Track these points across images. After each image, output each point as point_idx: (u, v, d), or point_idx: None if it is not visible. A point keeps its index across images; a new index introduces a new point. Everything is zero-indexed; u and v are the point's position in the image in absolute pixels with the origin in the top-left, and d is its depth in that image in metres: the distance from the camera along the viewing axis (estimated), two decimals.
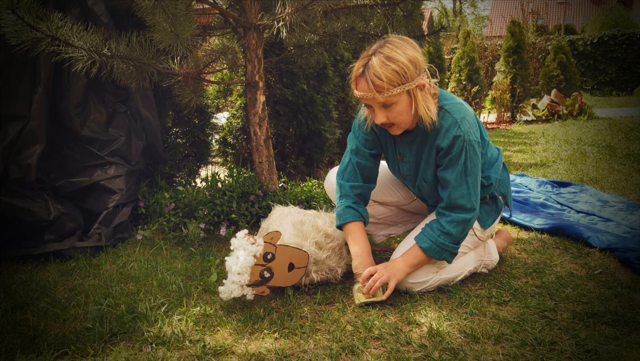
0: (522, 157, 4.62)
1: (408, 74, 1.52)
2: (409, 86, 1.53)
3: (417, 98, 1.56)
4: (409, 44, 1.57)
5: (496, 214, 1.89)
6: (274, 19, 2.21)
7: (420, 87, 1.57)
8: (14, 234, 2.25)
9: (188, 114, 3.10)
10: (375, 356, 1.40)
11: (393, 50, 1.53)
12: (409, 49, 1.54)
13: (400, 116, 1.59)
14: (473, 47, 8.03)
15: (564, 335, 1.47)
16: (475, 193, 1.66)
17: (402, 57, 1.51)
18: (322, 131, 3.41)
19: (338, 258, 1.87)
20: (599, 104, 10.41)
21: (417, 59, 1.54)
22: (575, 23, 30.69)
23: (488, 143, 1.84)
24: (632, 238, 2.17)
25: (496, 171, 1.83)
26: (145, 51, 2.02)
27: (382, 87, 1.52)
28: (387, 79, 1.52)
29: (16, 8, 1.72)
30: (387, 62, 1.52)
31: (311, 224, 1.84)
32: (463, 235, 1.70)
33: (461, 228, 1.68)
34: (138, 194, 2.57)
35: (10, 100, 2.19)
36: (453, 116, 1.61)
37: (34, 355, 1.45)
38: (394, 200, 2.09)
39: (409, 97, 1.57)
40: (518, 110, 8.24)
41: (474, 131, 1.63)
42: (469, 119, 1.63)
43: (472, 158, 1.63)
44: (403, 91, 1.54)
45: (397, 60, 1.51)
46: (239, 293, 1.61)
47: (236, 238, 1.67)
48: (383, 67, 1.51)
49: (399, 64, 1.51)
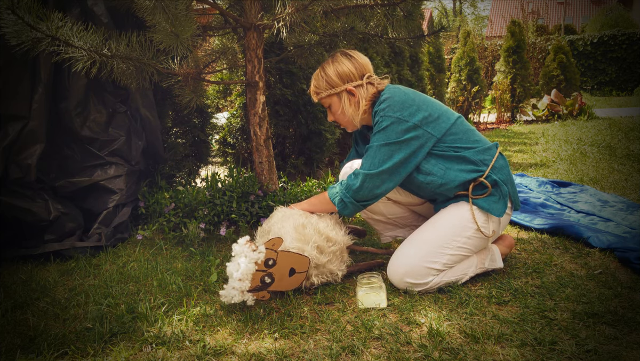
0: (522, 157, 4.62)
1: (332, 83, 1.91)
2: (333, 90, 1.91)
3: (345, 101, 1.92)
4: (347, 58, 1.92)
5: (504, 199, 1.84)
6: (274, 19, 2.21)
7: (351, 93, 1.90)
8: (14, 234, 2.25)
9: (188, 114, 3.10)
10: (375, 356, 1.40)
11: (328, 64, 1.93)
12: (342, 64, 1.90)
13: (337, 116, 1.97)
14: (473, 47, 8.03)
15: (564, 335, 1.47)
16: (380, 158, 1.80)
17: (330, 71, 1.91)
18: (322, 131, 3.41)
19: (339, 262, 1.88)
20: (599, 104, 10.41)
21: (344, 71, 1.90)
22: (575, 23, 30.69)
23: (467, 130, 1.89)
24: (632, 238, 2.17)
25: (478, 154, 1.84)
26: (145, 51, 2.02)
27: (314, 91, 1.98)
28: (317, 86, 1.96)
29: (16, 8, 1.72)
30: (320, 73, 1.95)
31: (313, 228, 1.83)
32: (358, 188, 1.83)
33: (355, 179, 1.84)
34: (138, 194, 2.57)
35: (10, 100, 2.19)
36: (380, 99, 1.85)
37: (34, 355, 1.45)
38: (407, 200, 2.12)
39: (339, 100, 1.93)
40: (518, 110, 8.25)
41: (399, 109, 1.80)
42: (393, 99, 1.81)
43: (387, 129, 1.80)
44: (330, 95, 1.92)
45: (326, 72, 1.92)
46: (240, 298, 1.61)
47: (237, 244, 1.66)
48: (316, 77, 1.96)
49: (326, 76, 1.92)
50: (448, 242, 1.79)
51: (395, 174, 1.81)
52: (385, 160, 1.79)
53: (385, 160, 1.79)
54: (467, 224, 1.81)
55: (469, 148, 1.84)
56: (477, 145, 1.85)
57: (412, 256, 1.78)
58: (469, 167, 1.82)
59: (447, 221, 1.84)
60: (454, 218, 1.83)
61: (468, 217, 1.81)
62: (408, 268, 1.76)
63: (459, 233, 1.80)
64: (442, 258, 1.78)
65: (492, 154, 1.86)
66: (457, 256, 1.80)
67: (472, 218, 1.81)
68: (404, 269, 1.76)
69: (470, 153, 1.82)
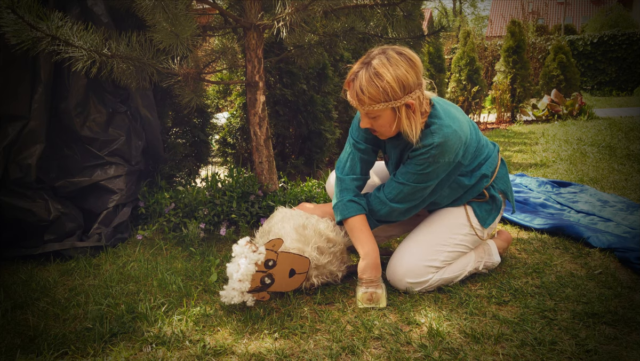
0: (522, 157, 4.62)
1: (392, 94, 1.55)
2: (392, 104, 1.57)
3: (402, 117, 1.59)
4: (405, 60, 1.57)
5: (496, 212, 1.90)
6: (274, 19, 2.21)
7: (409, 106, 1.59)
8: (14, 234, 2.25)
9: (188, 114, 3.10)
10: (375, 356, 1.40)
11: (384, 66, 1.55)
12: (402, 68, 1.55)
13: (382, 128, 1.65)
14: (473, 47, 8.02)
15: (564, 335, 1.47)
16: (408, 198, 1.74)
17: (389, 76, 1.53)
18: (322, 131, 3.41)
19: (339, 263, 1.88)
20: (599, 104, 10.41)
21: (406, 79, 1.55)
22: (575, 23, 30.70)
23: (483, 145, 1.86)
24: (632, 238, 2.17)
25: (488, 167, 1.84)
26: (145, 51, 2.02)
27: (364, 101, 1.58)
28: (370, 95, 1.56)
29: (16, 7, 1.72)
30: (374, 78, 1.55)
31: (313, 229, 1.83)
32: (384, 214, 1.80)
33: (381, 205, 1.77)
34: (138, 194, 2.57)
35: (10, 100, 2.19)
36: (433, 138, 1.63)
37: (34, 355, 1.45)
38: None
39: (394, 114, 1.60)
40: (518, 110, 8.24)
41: (450, 153, 1.66)
42: (449, 142, 1.65)
43: (430, 173, 1.68)
44: (386, 108, 1.58)
45: (383, 78, 1.54)
46: (239, 299, 1.61)
47: (238, 245, 1.66)
48: (369, 82, 1.55)
49: (384, 83, 1.54)
50: (445, 239, 1.81)
51: (421, 202, 1.80)
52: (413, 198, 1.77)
53: (416, 197, 1.77)
54: (464, 222, 1.85)
55: (482, 164, 1.84)
56: (486, 156, 1.86)
57: (410, 256, 1.78)
58: (482, 183, 1.84)
59: (443, 219, 1.86)
60: (450, 217, 1.86)
61: (464, 216, 1.84)
62: (407, 268, 1.76)
63: (456, 231, 1.83)
64: (440, 255, 1.79)
65: (494, 164, 1.87)
66: (455, 253, 1.82)
67: (466, 218, 1.84)
68: (403, 270, 1.77)
69: (485, 168, 1.83)
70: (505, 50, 8.20)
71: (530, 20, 13.05)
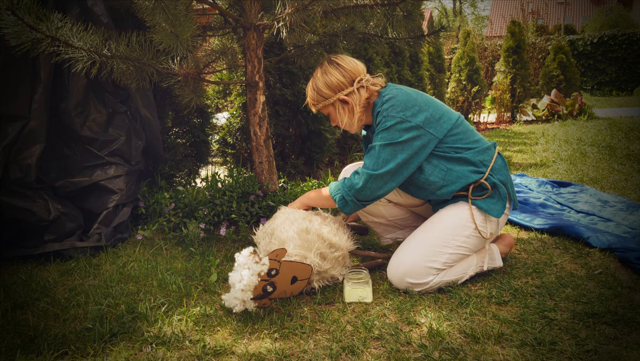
0: (522, 157, 4.62)
1: (325, 95, 1.93)
2: (327, 102, 1.93)
3: (339, 109, 1.94)
4: (335, 68, 1.91)
5: (504, 201, 1.86)
6: (274, 19, 2.21)
7: (345, 102, 1.91)
8: (14, 234, 2.25)
9: (188, 114, 3.10)
10: (375, 356, 1.40)
11: (318, 76, 1.94)
12: (332, 75, 1.90)
13: (334, 122, 1.99)
14: (473, 47, 8.02)
15: (564, 335, 1.47)
16: (383, 158, 1.81)
17: (321, 82, 1.93)
18: (322, 131, 3.41)
19: (341, 267, 1.88)
20: (599, 104, 10.41)
21: (336, 82, 1.90)
22: (575, 23, 30.70)
23: (467, 131, 1.89)
24: (632, 238, 2.17)
25: (475, 155, 1.84)
26: (145, 51, 2.02)
27: (311, 103, 2.00)
28: (312, 98, 1.98)
29: (16, 9, 1.72)
30: (312, 85, 1.96)
31: (316, 233, 1.83)
32: (361, 187, 1.84)
33: (358, 178, 1.85)
34: (138, 194, 2.57)
35: (10, 100, 2.19)
36: (382, 98, 1.86)
37: (34, 355, 1.45)
38: (408, 201, 2.13)
39: (334, 109, 1.95)
40: (518, 110, 8.24)
41: (402, 109, 1.80)
42: (396, 99, 1.82)
43: (391, 128, 1.80)
44: (325, 105, 1.95)
45: (317, 84, 1.95)
46: (241, 308, 1.60)
47: (241, 255, 1.64)
48: (310, 89, 1.98)
49: (317, 88, 1.95)
50: (447, 241, 1.80)
51: (398, 174, 1.81)
52: (388, 160, 1.79)
53: (389, 160, 1.79)
54: (466, 224, 1.82)
55: (469, 149, 1.84)
56: (477, 145, 1.86)
57: (411, 255, 1.78)
58: (469, 168, 1.82)
59: (446, 220, 1.84)
60: (453, 217, 1.83)
61: (467, 216, 1.82)
62: (408, 267, 1.76)
63: (458, 232, 1.80)
64: (442, 257, 1.78)
65: (491, 155, 1.87)
66: (457, 255, 1.81)
67: (471, 217, 1.81)
68: (404, 269, 1.77)
69: (470, 154, 1.83)
70: (505, 50, 8.20)
71: (530, 20, 13.05)
